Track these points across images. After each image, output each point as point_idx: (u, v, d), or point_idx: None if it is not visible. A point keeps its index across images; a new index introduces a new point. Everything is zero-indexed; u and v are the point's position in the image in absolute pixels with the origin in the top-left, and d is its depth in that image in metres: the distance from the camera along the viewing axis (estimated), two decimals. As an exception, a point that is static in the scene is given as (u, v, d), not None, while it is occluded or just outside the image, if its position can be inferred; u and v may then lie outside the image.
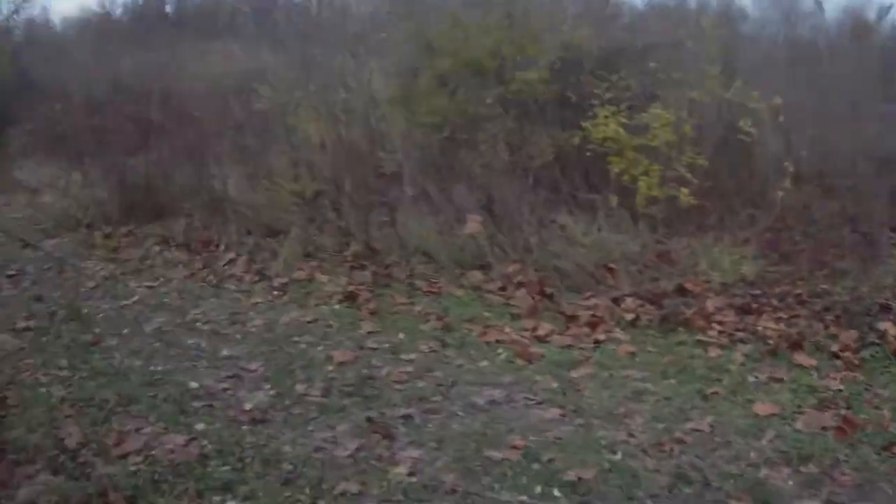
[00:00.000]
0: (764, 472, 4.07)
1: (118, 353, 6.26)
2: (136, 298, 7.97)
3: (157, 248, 9.78)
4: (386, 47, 10.14)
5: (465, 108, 8.95)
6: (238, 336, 6.70)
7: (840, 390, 5.12)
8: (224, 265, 8.88)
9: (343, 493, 3.93)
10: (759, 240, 7.76)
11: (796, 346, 5.75)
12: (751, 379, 5.36)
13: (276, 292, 7.95)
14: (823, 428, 4.57)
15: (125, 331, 6.86)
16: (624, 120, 8.04)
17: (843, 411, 4.76)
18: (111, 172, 11.33)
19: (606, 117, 8.05)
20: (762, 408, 4.85)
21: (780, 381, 5.30)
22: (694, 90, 8.18)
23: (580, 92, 8.53)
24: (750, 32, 12.52)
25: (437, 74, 9.15)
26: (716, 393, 5.13)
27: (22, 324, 6.94)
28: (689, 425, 4.64)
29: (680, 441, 4.43)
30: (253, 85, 10.57)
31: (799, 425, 4.62)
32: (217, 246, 9.45)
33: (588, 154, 8.31)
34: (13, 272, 8.99)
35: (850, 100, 8.67)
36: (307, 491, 3.96)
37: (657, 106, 8.08)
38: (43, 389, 5.34)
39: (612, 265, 7.26)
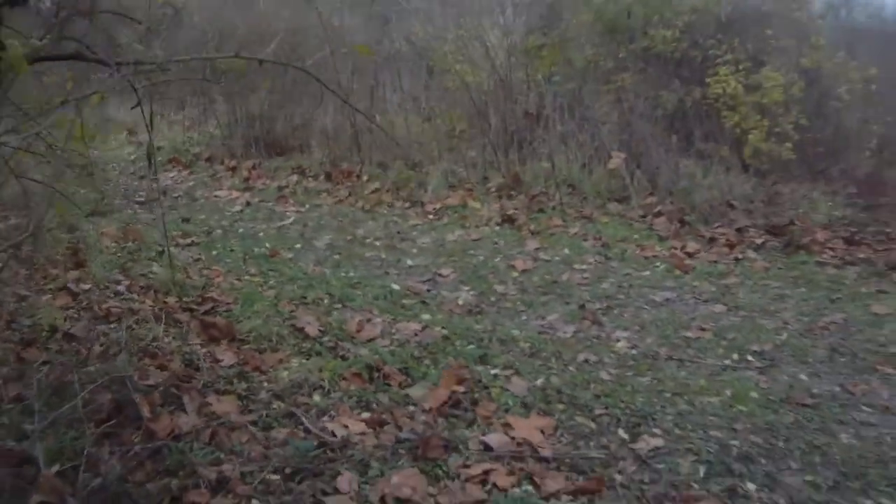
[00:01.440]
0: (894, 350, 5.45)
1: (302, 261, 7.37)
2: (291, 220, 9.16)
3: (294, 178, 11.04)
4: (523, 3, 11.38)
5: (597, 60, 10.30)
6: (413, 250, 7.97)
7: (938, 301, 6.53)
8: (370, 193, 10.18)
9: (586, 361, 5.15)
10: (846, 189, 9.15)
11: (894, 268, 7.16)
12: (864, 290, 6.76)
13: (431, 216, 9.26)
14: (930, 324, 6.00)
15: (297, 245, 8.02)
16: (741, 79, 9.38)
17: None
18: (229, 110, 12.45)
19: (727, 75, 9.40)
20: (879, 308, 6.26)
21: (886, 292, 6.69)
22: (803, 57, 9.53)
23: (703, 52, 9.81)
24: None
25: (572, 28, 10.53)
26: (839, 298, 6.56)
27: (182, 240, 7.82)
28: (827, 319, 6.01)
29: (824, 328, 5.85)
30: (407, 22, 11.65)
31: (910, 322, 6.02)
32: (358, 177, 10.76)
33: (705, 108, 9.67)
34: (141, 199, 9.92)
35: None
36: (552, 361, 5.04)
37: (769, 69, 9.43)
38: (247, 290, 6.12)
39: (732, 202, 8.67)
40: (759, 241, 7.93)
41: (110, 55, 3.36)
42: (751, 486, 3.64)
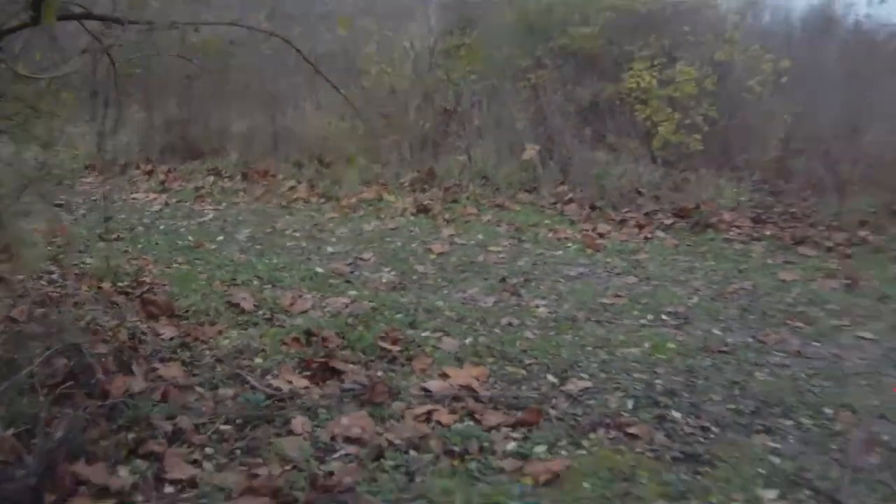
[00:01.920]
0: (801, 308, 5.83)
1: (226, 251, 7.44)
2: (210, 217, 9.23)
3: (210, 179, 11.11)
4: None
5: (514, 59, 10.59)
6: (332, 239, 8.10)
7: (839, 269, 6.92)
8: (286, 191, 10.32)
9: (509, 324, 5.40)
10: (752, 176, 9.57)
11: (800, 242, 7.60)
12: (770, 261, 7.19)
13: (347, 210, 9.40)
14: (833, 288, 6.41)
15: (219, 238, 8.06)
16: (655, 74, 9.74)
17: (845, 280, 6.56)
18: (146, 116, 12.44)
19: (641, 70, 9.75)
20: (785, 275, 6.68)
21: (793, 262, 7.13)
22: (717, 51, 9.95)
23: (621, 48, 10.16)
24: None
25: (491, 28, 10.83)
26: (747, 268, 6.95)
27: (107, 236, 7.75)
28: (736, 286, 6.38)
29: (734, 293, 6.20)
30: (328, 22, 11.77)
31: (814, 286, 6.42)
32: (274, 175, 10.89)
33: (618, 102, 10.02)
34: (60, 202, 9.43)
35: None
36: (478, 325, 5.27)
37: (683, 63, 9.81)
38: (179, 275, 6.30)
39: (640, 189, 9.02)
40: (667, 222, 8.32)
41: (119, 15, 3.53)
42: (677, 415, 3.95)
